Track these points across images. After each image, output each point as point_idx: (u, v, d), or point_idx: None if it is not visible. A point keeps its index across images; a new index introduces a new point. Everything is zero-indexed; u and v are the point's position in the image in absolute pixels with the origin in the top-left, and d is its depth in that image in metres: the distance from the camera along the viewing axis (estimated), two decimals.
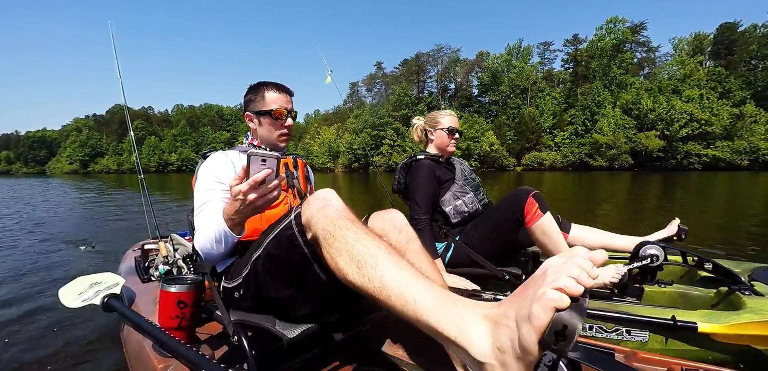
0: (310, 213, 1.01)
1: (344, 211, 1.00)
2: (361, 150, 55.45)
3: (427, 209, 2.23)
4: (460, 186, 2.34)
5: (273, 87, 1.58)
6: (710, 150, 39.88)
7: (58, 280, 3.20)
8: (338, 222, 0.96)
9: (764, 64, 43.73)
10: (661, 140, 40.92)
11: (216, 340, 1.44)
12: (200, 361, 1.03)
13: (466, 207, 2.30)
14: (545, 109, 50.28)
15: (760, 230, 5.70)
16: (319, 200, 1.02)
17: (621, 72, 49.01)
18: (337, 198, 1.03)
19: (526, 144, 47.38)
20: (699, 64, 46.84)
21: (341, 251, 0.92)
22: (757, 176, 24.20)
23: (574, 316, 0.57)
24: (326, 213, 0.98)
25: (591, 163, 43.53)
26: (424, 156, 2.39)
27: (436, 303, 0.74)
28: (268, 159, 1.10)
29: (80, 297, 1.40)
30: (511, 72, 55.89)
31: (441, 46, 64.07)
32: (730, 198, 10.83)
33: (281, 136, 1.58)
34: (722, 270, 2.03)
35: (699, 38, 50.52)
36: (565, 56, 57.37)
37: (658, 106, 41.66)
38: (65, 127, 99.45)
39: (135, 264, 2.24)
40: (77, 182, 29.72)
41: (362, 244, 0.91)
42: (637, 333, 1.70)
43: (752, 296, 1.76)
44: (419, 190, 2.25)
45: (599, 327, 1.77)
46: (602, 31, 53.31)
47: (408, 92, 58.98)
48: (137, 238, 3.17)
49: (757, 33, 45.45)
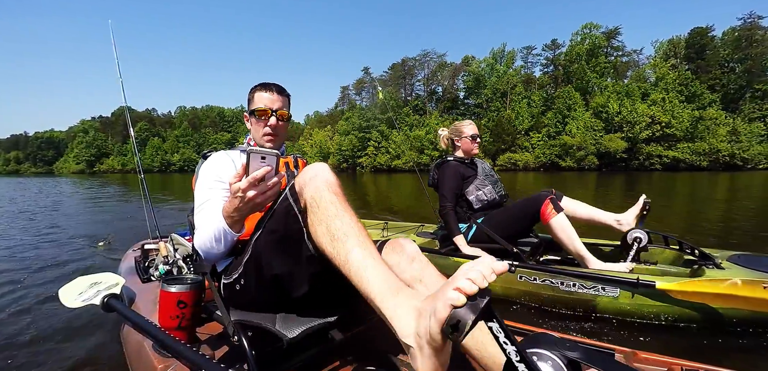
0: (302, 182, 1.01)
1: (333, 184, 0.99)
2: (349, 151, 55.21)
3: (452, 199, 2.66)
4: (481, 180, 2.76)
5: (261, 87, 1.49)
6: (671, 151, 39.99)
7: (59, 278, 3.03)
8: (324, 194, 0.97)
9: (733, 67, 43.53)
10: (624, 142, 41.07)
11: (216, 340, 1.35)
12: (200, 361, 0.98)
13: (486, 196, 2.72)
14: (521, 112, 49.97)
15: (720, 224, 5.77)
16: (311, 170, 1.02)
17: (595, 76, 48.54)
18: (328, 170, 1.03)
19: (502, 145, 47.23)
20: (671, 67, 46.43)
21: (322, 220, 0.94)
22: (717, 176, 24.42)
23: (467, 313, 0.63)
24: (316, 183, 0.98)
25: (561, 163, 43.56)
26: (453, 158, 2.81)
27: (384, 289, 0.82)
28: (268, 156, 1.03)
29: (80, 297, 1.31)
30: (492, 76, 55.36)
31: (427, 50, 63.69)
32: (692, 197, 11.02)
33: (265, 135, 1.46)
34: (701, 253, 2.26)
35: (673, 43, 50.00)
36: (543, 60, 56.97)
37: (623, 109, 41.74)
38: (72, 128, 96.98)
39: (135, 264, 2.12)
40: (85, 180, 28.93)
41: (340, 220, 0.93)
42: (610, 289, 2.03)
43: (715, 269, 1.98)
44: (446, 185, 2.69)
45: (581, 285, 2.10)
46: (578, 36, 52.53)
47: (393, 96, 58.59)
48: None
49: (724, 38, 45.21)
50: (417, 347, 0.72)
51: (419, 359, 0.72)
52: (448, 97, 59.72)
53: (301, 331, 1.13)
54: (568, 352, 0.80)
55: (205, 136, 77.28)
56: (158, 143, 78.38)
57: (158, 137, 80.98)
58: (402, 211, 7.85)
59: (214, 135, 77.67)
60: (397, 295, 0.80)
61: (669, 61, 47.86)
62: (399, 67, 64.04)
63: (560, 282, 2.16)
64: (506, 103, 53.17)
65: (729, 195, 10.71)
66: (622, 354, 1.27)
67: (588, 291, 2.08)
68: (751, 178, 21.11)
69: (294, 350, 1.24)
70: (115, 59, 2.60)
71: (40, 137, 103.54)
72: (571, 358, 0.79)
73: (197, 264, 1.29)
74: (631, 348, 1.29)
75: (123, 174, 61.08)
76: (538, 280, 2.22)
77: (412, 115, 55.44)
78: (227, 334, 1.11)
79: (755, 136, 38.35)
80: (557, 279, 2.17)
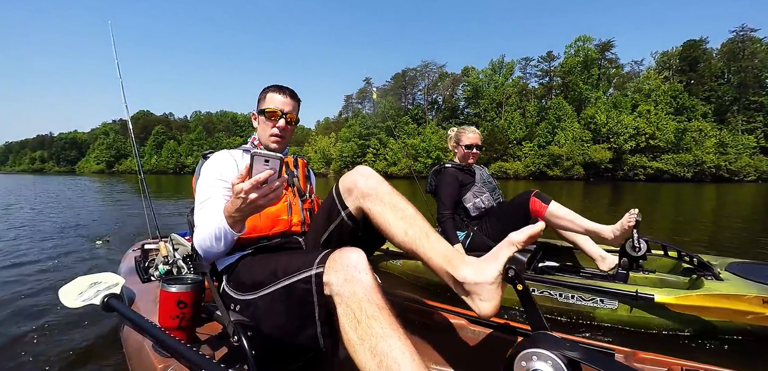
0: (335, 284, 0.86)
1: (373, 292, 0.83)
2: (350, 157, 55.26)
3: (450, 206, 2.50)
4: (479, 188, 2.60)
5: (275, 88, 1.42)
6: (655, 162, 39.37)
7: (59, 278, 2.87)
8: (366, 307, 0.81)
9: (729, 79, 42.15)
10: (609, 153, 40.64)
11: (216, 340, 1.28)
12: (200, 361, 0.94)
13: (483, 204, 2.56)
14: (514, 122, 49.54)
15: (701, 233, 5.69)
16: (344, 269, 0.86)
17: (588, 88, 47.51)
18: (365, 270, 0.86)
19: (494, 154, 46.77)
20: (664, 79, 45.18)
21: (364, 340, 0.79)
22: (702, 187, 23.74)
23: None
24: (354, 290, 0.83)
25: (549, 172, 43.19)
26: (451, 164, 2.66)
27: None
28: (272, 159, 0.96)
29: (80, 297, 1.23)
30: (490, 87, 54.67)
31: (428, 61, 63.32)
32: (677, 206, 10.94)
33: (272, 136, 1.39)
34: (699, 262, 2.17)
35: (668, 55, 48.38)
36: (538, 72, 55.98)
37: (610, 120, 41.28)
38: (94, 129, 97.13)
39: (135, 264, 2.03)
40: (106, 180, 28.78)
41: (387, 343, 0.77)
42: (608, 302, 1.93)
43: (713, 280, 1.88)
44: (444, 191, 2.53)
45: (579, 297, 1.99)
46: (571, 49, 51.16)
47: (394, 106, 58.29)
48: None
49: (722, 49, 43.61)
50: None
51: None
52: (448, 107, 59.50)
53: None
54: (568, 352, 0.77)
55: (219, 140, 77.12)
56: (174, 146, 78.38)
57: (174, 140, 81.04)
58: None
59: (227, 139, 77.54)
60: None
61: (662, 73, 46.76)
62: (400, 78, 64.01)
63: (559, 293, 2.05)
64: (501, 113, 52.84)
65: (715, 206, 10.59)
66: (622, 354, 1.20)
67: (586, 303, 1.99)
68: (738, 190, 20.53)
69: (294, 350, 1.17)
70: (115, 60, 2.55)
71: (63, 138, 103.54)
72: (571, 358, 0.76)
73: (197, 264, 1.22)
74: (632, 348, 1.21)
75: (142, 174, 60.55)
76: (536, 291, 2.11)
77: (410, 124, 55.26)
78: (227, 334, 1.05)
79: (746, 149, 37.16)
80: (556, 290, 2.06)
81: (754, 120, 39.25)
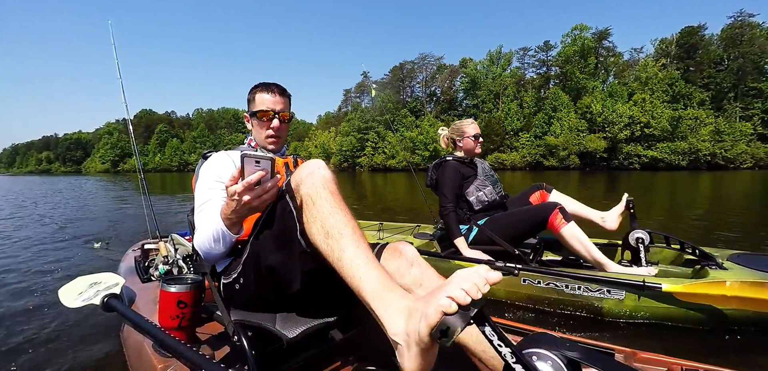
0: (298, 178, 0.94)
1: (329, 181, 0.93)
2: (350, 151, 54.96)
3: (452, 199, 2.42)
4: (481, 181, 2.53)
5: (263, 88, 1.37)
6: (650, 151, 38.79)
7: (59, 278, 2.86)
8: (320, 191, 0.90)
9: (729, 65, 41.05)
10: (605, 142, 40.09)
11: (216, 340, 1.26)
12: (200, 361, 0.91)
13: (486, 197, 2.49)
14: (511, 112, 48.83)
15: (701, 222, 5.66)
16: (307, 166, 0.95)
17: (584, 77, 46.19)
18: (324, 167, 0.96)
19: (491, 145, 46.13)
20: (662, 67, 43.82)
21: (316, 217, 0.89)
22: (697, 176, 23.42)
23: (457, 321, 0.62)
24: (312, 180, 0.92)
25: (544, 162, 42.68)
26: (452, 158, 2.57)
27: (376, 287, 0.78)
28: (263, 160, 0.95)
29: (80, 296, 1.20)
30: (488, 77, 53.48)
31: (425, 54, 62.37)
32: (672, 194, 10.90)
33: (268, 138, 1.36)
34: (702, 253, 2.13)
35: (665, 42, 46.68)
36: (536, 62, 54.74)
37: (605, 109, 40.62)
38: (98, 129, 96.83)
39: (135, 264, 1.99)
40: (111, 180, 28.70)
41: (334, 217, 0.88)
42: (615, 292, 1.87)
43: (718, 270, 1.85)
44: (446, 185, 2.45)
45: (586, 288, 1.94)
46: (568, 39, 49.85)
47: (392, 99, 57.75)
48: None
49: (722, 35, 42.23)
50: (405, 345, 0.70)
51: (406, 357, 0.70)
52: (446, 99, 58.87)
53: (301, 331, 1.05)
54: (567, 352, 0.75)
55: (221, 137, 76.95)
56: (177, 144, 78.23)
57: (177, 138, 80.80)
58: (398, 209, 7.70)
59: (229, 136, 77.31)
60: (389, 293, 0.77)
61: (659, 61, 45.47)
62: (398, 71, 63.37)
63: (565, 285, 1.99)
64: (498, 104, 52.15)
65: (710, 194, 10.53)
66: (622, 355, 1.18)
67: (593, 293, 1.93)
68: (733, 177, 20.24)
69: (294, 350, 1.15)
70: (114, 60, 2.50)
71: (69, 138, 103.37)
72: (571, 358, 0.74)
73: (197, 264, 1.20)
74: (632, 349, 1.19)
75: (142, 173, 60.32)
76: (542, 283, 2.05)
77: (409, 117, 54.84)
78: (227, 334, 1.04)
79: (743, 136, 36.30)
80: (562, 282, 2.00)
81: (752, 107, 38.59)
